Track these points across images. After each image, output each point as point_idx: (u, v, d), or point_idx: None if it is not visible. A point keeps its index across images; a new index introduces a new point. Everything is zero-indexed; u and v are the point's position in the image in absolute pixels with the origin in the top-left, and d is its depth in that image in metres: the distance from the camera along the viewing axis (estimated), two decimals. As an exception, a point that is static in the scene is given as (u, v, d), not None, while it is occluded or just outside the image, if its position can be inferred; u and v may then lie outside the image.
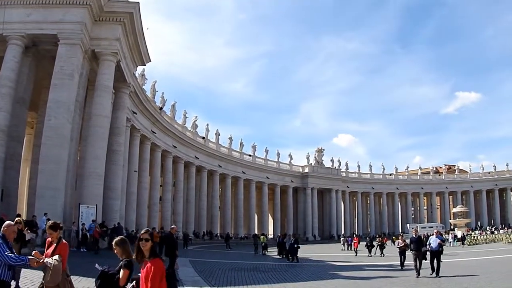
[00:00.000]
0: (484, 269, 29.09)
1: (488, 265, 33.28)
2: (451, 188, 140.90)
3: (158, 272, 6.99)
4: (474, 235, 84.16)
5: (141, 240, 7.09)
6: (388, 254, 48.60)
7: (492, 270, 28.88)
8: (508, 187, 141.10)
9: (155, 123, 67.85)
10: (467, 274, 25.24)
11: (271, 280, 24.46)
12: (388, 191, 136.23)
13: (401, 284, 23.15)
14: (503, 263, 34.09)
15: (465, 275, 24.45)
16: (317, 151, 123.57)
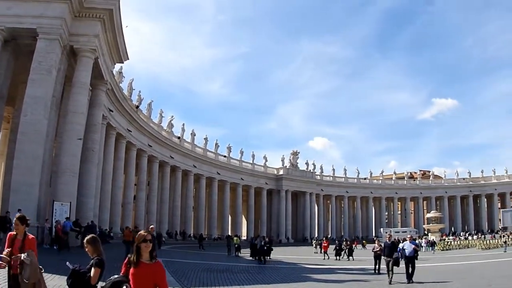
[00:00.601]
0: (458, 275, 29.54)
1: (462, 271, 33.85)
2: (425, 193, 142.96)
3: (164, 276, 7.06)
4: (447, 241, 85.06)
5: (144, 242, 6.86)
6: (357, 258, 49.07)
7: (466, 275, 29.45)
8: (483, 193, 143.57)
9: (131, 121, 67.76)
10: (441, 280, 25.43)
11: (244, 282, 24.68)
12: (362, 195, 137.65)
13: (374, 285, 23.97)
14: (476, 269, 34.68)
15: (439, 281, 24.74)
16: (292, 154, 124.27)
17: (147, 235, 7.03)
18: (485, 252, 60.52)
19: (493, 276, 28.45)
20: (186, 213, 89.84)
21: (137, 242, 6.90)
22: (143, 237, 6.94)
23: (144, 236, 6.93)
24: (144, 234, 7.02)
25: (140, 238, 6.93)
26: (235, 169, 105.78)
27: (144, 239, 6.89)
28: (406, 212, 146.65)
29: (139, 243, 6.86)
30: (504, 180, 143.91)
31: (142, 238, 6.92)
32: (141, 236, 6.96)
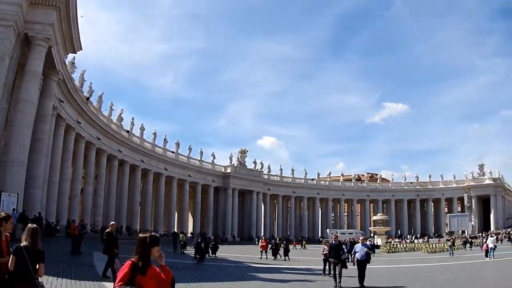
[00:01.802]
0: (404, 278, 30.21)
1: (407, 273, 34.71)
2: (372, 196, 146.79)
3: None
4: (393, 243, 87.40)
5: (156, 245, 6.17)
6: (294, 258, 49.97)
7: (412, 279, 30.03)
8: (430, 198, 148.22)
9: (81, 113, 67.06)
10: (393, 285, 25.73)
11: (189, 279, 25.23)
12: (309, 196, 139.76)
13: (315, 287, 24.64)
14: (422, 272, 35.67)
15: (392, 286, 25.21)
16: (240, 152, 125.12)
17: (157, 237, 6.37)
18: (431, 256, 62.07)
19: (438, 279, 29.46)
20: (132, 208, 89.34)
21: (149, 246, 6.12)
22: (154, 239, 6.24)
23: (155, 238, 6.24)
24: (155, 235, 6.34)
25: (151, 240, 6.18)
26: (183, 166, 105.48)
27: (156, 242, 6.20)
28: (353, 214, 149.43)
29: (151, 247, 6.13)
30: (452, 186, 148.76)
31: (153, 240, 6.20)
32: (153, 238, 6.24)
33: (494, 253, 48.53)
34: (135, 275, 5.94)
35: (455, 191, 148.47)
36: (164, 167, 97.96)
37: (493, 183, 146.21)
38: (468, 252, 69.19)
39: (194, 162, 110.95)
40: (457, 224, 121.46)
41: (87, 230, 47.97)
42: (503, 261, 45.08)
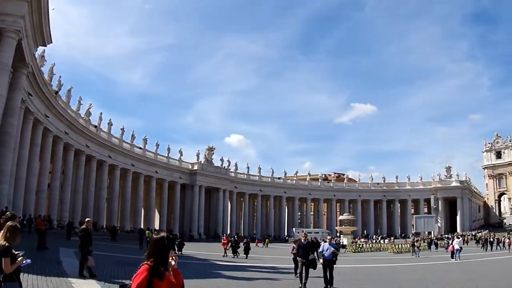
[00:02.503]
0: (374, 279, 30.29)
1: (373, 274, 34.93)
2: (339, 195, 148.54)
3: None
4: (359, 243, 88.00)
5: (173, 247, 5.83)
6: (256, 256, 50.61)
7: (378, 279, 30.34)
8: (396, 199, 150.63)
9: (49, 107, 66.37)
10: (359, 285, 26.08)
11: None
12: (275, 195, 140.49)
13: (281, 286, 24.63)
14: (387, 273, 36.21)
15: (358, 287, 25.49)
16: (207, 149, 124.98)
17: (172, 238, 6.01)
18: (397, 256, 63.02)
19: (404, 279, 30.19)
20: (99, 204, 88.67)
21: (166, 248, 5.82)
22: (171, 240, 5.94)
23: (171, 240, 5.92)
24: (171, 237, 5.98)
25: (169, 242, 5.89)
26: (150, 162, 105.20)
27: (172, 243, 6.00)
28: (319, 213, 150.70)
29: (169, 249, 5.86)
30: (419, 187, 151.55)
31: (171, 242, 5.92)
32: (170, 240, 5.93)
33: (460, 255, 49.34)
34: (153, 281, 5.56)
35: (421, 193, 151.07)
36: (131, 163, 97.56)
37: (460, 186, 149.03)
38: (433, 253, 70.16)
39: (161, 159, 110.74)
40: (423, 225, 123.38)
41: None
42: (468, 262, 45.86)
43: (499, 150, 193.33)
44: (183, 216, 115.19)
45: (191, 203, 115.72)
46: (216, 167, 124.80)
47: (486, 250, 72.38)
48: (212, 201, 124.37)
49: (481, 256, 58.14)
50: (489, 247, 75.04)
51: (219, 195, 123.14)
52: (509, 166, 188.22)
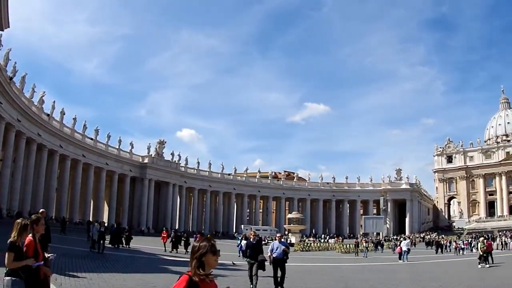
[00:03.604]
0: (321, 278, 31.52)
1: (324, 272, 37.33)
2: (288, 194, 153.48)
3: None
4: (307, 242, 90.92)
5: (213, 253, 5.40)
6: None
7: (329, 278, 31.91)
8: (346, 199, 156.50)
9: (3, 93, 67.54)
10: (306, 284, 26.32)
11: (101, 269, 26.47)
12: (225, 191, 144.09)
13: (231, 284, 23.27)
14: (337, 272, 38.41)
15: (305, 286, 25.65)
16: (158, 143, 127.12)
17: (213, 242, 5.54)
18: (345, 256, 65.80)
19: (351, 279, 32.05)
20: (49, 194, 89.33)
21: (201, 253, 5.37)
22: (209, 245, 5.43)
23: (212, 245, 5.43)
24: (213, 243, 5.53)
25: (205, 247, 5.40)
26: (101, 153, 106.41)
27: (212, 249, 5.39)
28: (268, 211, 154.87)
29: (205, 254, 5.37)
30: (368, 188, 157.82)
31: (208, 247, 5.41)
32: (208, 244, 5.45)
33: (408, 256, 51.87)
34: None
35: (371, 194, 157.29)
36: (82, 154, 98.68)
37: (410, 188, 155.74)
38: (381, 254, 72.94)
39: (112, 151, 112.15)
40: (372, 226, 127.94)
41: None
42: (416, 264, 48.81)
43: (450, 154, 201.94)
44: (132, 210, 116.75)
45: (140, 197, 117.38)
46: (167, 161, 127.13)
47: (437, 253, 74.72)
48: (161, 195, 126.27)
49: (429, 258, 60.53)
50: (440, 249, 77.64)
51: (169, 190, 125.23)
52: (460, 171, 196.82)
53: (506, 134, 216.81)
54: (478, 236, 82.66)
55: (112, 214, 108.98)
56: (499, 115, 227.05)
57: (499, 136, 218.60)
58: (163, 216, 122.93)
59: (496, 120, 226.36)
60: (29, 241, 9.04)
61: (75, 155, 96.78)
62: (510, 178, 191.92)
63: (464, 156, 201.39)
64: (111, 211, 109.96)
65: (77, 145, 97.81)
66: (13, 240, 8.62)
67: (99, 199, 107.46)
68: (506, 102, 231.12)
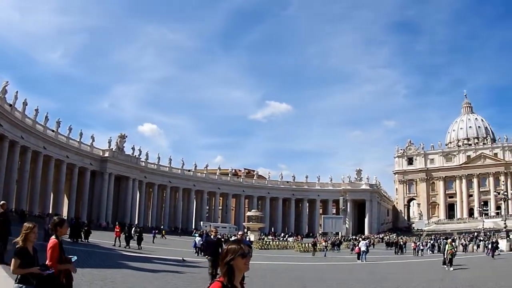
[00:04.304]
0: (280, 277, 32.83)
1: (282, 271, 38.26)
2: (248, 192, 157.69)
3: None
4: (266, 240, 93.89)
5: (243, 256, 5.15)
6: (148, 247, 53.71)
7: (288, 277, 33.01)
8: (305, 198, 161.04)
9: (-34, 82, 68.35)
10: (267, 285, 27.23)
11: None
12: (185, 187, 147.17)
13: (186, 280, 25.98)
14: (295, 270, 39.57)
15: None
16: (119, 137, 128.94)
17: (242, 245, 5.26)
18: (303, 255, 67.78)
19: (309, 278, 32.56)
20: (9, 186, 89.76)
21: (230, 257, 5.13)
22: (239, 249, 5.19)
23: (241, 248, 5.18)
24: (239, 243, 5.31)
25: (234, 251, 5.16)
26: (62, 146, 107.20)
27: (241, 252, 5.16)
28: (227, 208, 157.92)
29: (234, 258, 5.13)
30: (328, 188, 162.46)
31: (237, 251, 5.17)
32: (236, 247, 5.21)
33: (366, 256, 53.71)
34: None
35: (331, 194, 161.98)
36: (43, 146, 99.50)
37: (370, 189, 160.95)
38: (340, 254, 75.56)
39: (73, 143, 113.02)
40: (331, 225, 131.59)
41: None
42: (374, 264, 50.88)
43: (411, 156, 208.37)
44: (92, 204, 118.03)
45: (100, 191, 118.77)
46: (127, 156, 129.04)
47: (397, 253, 76.68)
48: (121, 190, 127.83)
49: (388, 259, 62.74)
50: (400, 250, 79.48)
51: (129, 184, 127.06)
52: (420, 173, 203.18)
53: (467, 138, 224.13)
54: (443, 238, 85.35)
55: (72, 207, 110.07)
56: (461, 119, 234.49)
57: (460, 139, 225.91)
58: (123, 211, 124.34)
59: (458, 124, 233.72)
60: (54, 243, 9.16)
61: (36, 147, 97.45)
62: (470, 182, 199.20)
63: (424, 158, 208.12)
64: (71, 204, 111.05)
65: (38, 137, 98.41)
66: (20, 246, 8.72)
67: (59, 192, 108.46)
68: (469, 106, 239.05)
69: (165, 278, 25.50)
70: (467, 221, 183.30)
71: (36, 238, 9.26)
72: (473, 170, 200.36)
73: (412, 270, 45.38)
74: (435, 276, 35.81)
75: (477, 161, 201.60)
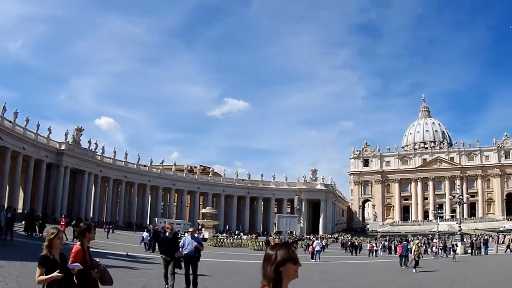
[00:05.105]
0: (234, 274, 33.87)
1: (237, 269, 39.59)
2: (203, 188, 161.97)
3: None
4: (221, 238, 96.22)
5: (294, 262, 4.60)
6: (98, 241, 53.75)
7: (244, 275, 33.71)
8: (260, 196, 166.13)
9: None
10: (219, 284, 26.96)
11: (12, 257, 27.57)
12: (140, 182, 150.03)
13: (140, 276, 26.47)
14: (250, 269, 39.07)
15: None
16: (76, 130, 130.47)
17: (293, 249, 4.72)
18: (258, 253, 67.03)
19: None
20: None
21: (279, 262, 4.55)
22: (289, 253, 4.62)
23: (292, 253, 4.64)
24: (294, 253, 4.67)
25: (283, 255, 4.58)
26: (19, 137, 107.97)
27: (292, 257, 4.61)
28: (182, 205, 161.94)
29: (284, 264, 4.56)
30: (283, 187, 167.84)
31: (287, 255, 4.60)
32: (287, 251, 4.63)
33: (320, 256, 56.13)
34: None
35: (286, 193, 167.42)
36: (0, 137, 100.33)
37: (325, 189, 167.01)
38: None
39: (30, 135, 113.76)
40: (286, 224, 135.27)
41: None
42: (329, 264, 52.76)
43: (367, 158, 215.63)
44: (47, 197, 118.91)
45: (56, 184, 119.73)
46: (83, 149, 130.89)
47: (352, 254, 79.08)
48: (76, 183, 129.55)
49: (342, 259, 64.95)
50: (355, 251, 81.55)
51: (84, 178, 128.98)
52: (376, 175, 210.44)
53: (424, 142, 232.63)
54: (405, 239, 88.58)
55: (27, 200, 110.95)
56: (418, 122, 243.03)
57: (417, 143, 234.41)
58: (78, 205, 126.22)
59: (415, 127, 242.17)
60: (77, 249, 9.18)
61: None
62: (425, 185, 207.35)
63: (380, 160, 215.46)
64: (26, 197, 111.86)
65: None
66: (43, 253, 8.63)
67: (15, 184, 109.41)
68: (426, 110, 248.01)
69: (116, 274, 24.93)
70: (422, 224, 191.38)
71: (62, 244, 9.24)
72: (429, 173, 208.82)
73: (366, 270, 46.86)
74: (389, 276, 37.52)
75: (433, 165, 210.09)
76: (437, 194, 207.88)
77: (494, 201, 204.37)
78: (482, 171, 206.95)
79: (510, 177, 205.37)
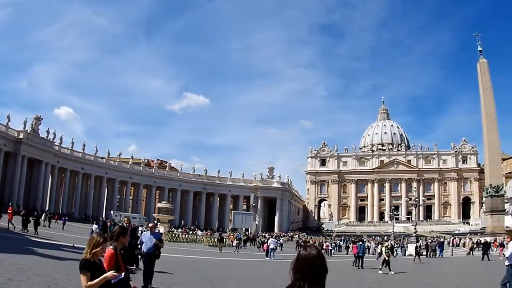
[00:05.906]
0: (187, 270, 34.21)
1: (191, 265, 39.62)
2: (159, 183, 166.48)
3: None
4: (176, 233, 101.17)
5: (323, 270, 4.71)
6: (44, 231, 56.78)
7: (196, 271, 34.33)
8: (216, 193, 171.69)
9: None
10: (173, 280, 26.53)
11: None
12: (97, 174, 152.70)
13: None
14: (204, 265, 41.30)
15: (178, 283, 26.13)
16: (35, 119, 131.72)
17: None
18: (213, 250, 70.45)
19: (217, 274, 33.56)
20: None
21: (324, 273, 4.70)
22: (316, 256, 4.88)
23: (320, 258, 4.86)
24: (319, 250, 4.91)
25: (313, 259, 4.90)
26: None
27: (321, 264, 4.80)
28: (138, 199, 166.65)
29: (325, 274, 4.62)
30: (239, 184, 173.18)
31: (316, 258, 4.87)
32: (315, 253, 4.92)
33: (275, 254, 57.79)
34: None
35: (242, 190, 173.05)
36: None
37: (281, 187, 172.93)
38: (249, 250, 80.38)
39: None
40: (241, 221, 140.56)
41: None
42: (282, 262, 50.44)
43: (324, 158, 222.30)
44: (4, 187, 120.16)
45: (13, 174, 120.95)
46: (42, 139, 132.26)
47: None
48: (34, 173, 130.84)
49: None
50: None
51: (41, 168, 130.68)
52: (332, 175, 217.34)
53: (381, 144, 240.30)
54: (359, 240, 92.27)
55: None
56: (377, 124, 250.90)
57: (374, 144, 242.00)
58: (34, 195, 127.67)
59: (373, 129, 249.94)
60: (110, 253, 9.20)
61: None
62: (382, 186, 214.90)
63: (338, 160, 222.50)
64: None
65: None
66: (86, 257, 8.25)
67: None
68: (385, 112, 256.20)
69: (73, 267, 25.43)
70: (377, 225, 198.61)
71: (104, 253, 8.92)
72: (385, 175, 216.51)
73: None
74: (344, 276, 37.49)
75: (390, 167, 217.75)
76: (393, 195, 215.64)
77: (451, 205, 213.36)
78: (439, 175, 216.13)
79: (467, 182, 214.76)
